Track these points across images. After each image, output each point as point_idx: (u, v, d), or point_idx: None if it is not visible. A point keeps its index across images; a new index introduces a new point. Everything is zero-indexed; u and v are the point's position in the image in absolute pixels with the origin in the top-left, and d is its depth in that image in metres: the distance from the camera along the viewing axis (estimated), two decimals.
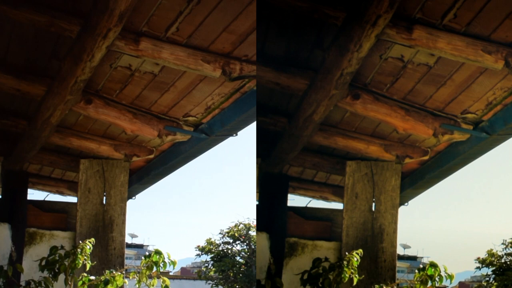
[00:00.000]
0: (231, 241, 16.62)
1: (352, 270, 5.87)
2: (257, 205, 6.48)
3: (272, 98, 6.09)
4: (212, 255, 16.50)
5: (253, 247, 16.08)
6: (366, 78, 5.51)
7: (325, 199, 7.41)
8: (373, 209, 6.62)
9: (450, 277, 5.89)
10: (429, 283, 5.84)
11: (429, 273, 5.81)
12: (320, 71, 5.13)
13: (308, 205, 7.23)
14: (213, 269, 16.43)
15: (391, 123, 5.68)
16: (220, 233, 16.65)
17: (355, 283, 5.85)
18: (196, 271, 17.33)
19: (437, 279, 5.86)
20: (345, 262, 5.85)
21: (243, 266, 16.04)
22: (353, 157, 6.64)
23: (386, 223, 6.60)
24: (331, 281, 5.87)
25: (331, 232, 6.83)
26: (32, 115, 6.44)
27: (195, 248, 16.72)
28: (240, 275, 15.85)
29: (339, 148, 6.43)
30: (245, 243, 16.46)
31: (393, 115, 5.63)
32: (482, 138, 5.85)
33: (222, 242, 16.68)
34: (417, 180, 6.83)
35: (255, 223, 16.61)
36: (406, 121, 5.66)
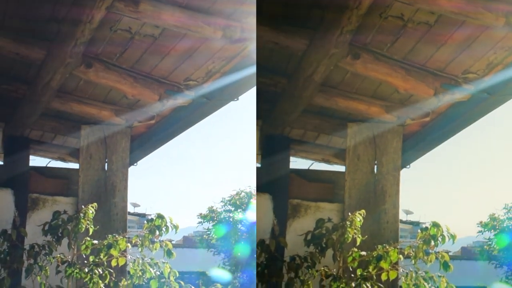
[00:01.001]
0: (232, 209, 16.70)
1: (355, 231, 5.93)
2: (258, 167, 6.50)
3: (272, 59, 6.07)
4: (214, 223, 16.60)
5: (254, 216, 16.15)
6: (366, 37, 5.49)
7: (327, 161, 7.40)
8: (375, 171, 6.64)
9: (453, 236, 5.92)
10: (432, 243, 5.89)
11: (431, 233, 5.87)
12: (320, 30, 5.11)
13: (310, 168, 7.23)
14: (215, 237, 16.53)
15: (392, 83, 5.68)
16: (221, 201, 16.75)
17: (358, 243, 5.92)
18: (198, 238, 17.49)
19: (439, 239, 5.91)
20: (348, 223, 5.92)
21: (245, 234, 16.14)
22: (354, 119, 6.62)
23: (388, 185, 6.62)
24: (334, 241, 5.94)
25: (334, 194, 6.83)
26: (32, 80, 6.43)
27: (197, 215, 16.83)
28: (242, 242, 15.96)
29: (340, 109, 6.42)
30: (246, 211, 16.55)
31: (393, 75, 5.63)
32: (483, 99, 5.86)
33: (224, 210, 16.76)
34: (418, 142, 6.82)
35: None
36: (407, 81, 5.66)
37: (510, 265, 14.40)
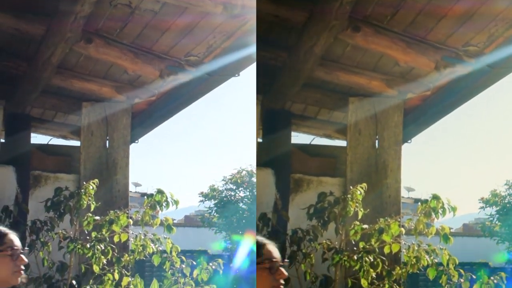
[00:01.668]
0: (234, 187, 16.70)
1: (356, 204, 5.93)
2: (260, 142, 6.49)
3: (272, 32, 6.05)
4: (216, 201, 16.61)
5: (255, 193, 16.18)
6: (367, 10, 5.48)
7: (329, 136, 7.39)
8: (377, 145, 6.64)
9: (453, 209, 5.91)
10: (432, 215, 5.90)
11: (432, 205, 5.87)
12: (319, 1, 5.10)
13: (312, 143, 7.22)
14: (216, 215, 16.56)
15: (392, 56, 5.67)
16: (223, 180, 16.75)
17: (360, 217, 5.92)
18: (200, 217, 17.50)
19: (440, 211, 5.91)
20: (349, 196, 5.92)
21: (246, 212, 16.16)
22: (355, 94, 6.61)
23: (390, 159, 6.62)
24: (336, 214, 5.94)
25: (336, 168, 6.82)
26: (32, 56, 6.42)
27: (199, 194, 16.84)
28: (243, 221, 15.98)
29: (341, 83, 6.41)
30: (248, 190, 16.55)
31: (394, 48, 5.62)
32: (484, 72, 5.84)
33: (225, 189, 16.76)
34: (419, 116, 6.81)
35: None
36: (407, 54, 5.65)
37: None
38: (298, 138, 6.96)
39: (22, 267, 3.10)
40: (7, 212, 6.65)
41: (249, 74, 6.77)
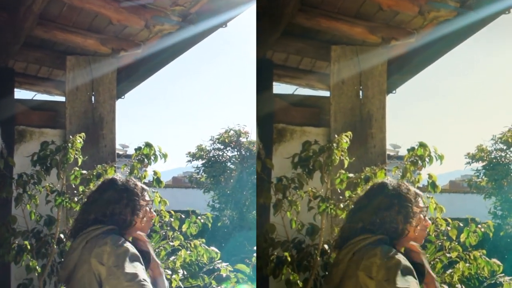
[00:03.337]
0: (222, 147, 16.70)
1: (342, 153, 5.87)
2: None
3: None
4: (203, 161, 16.62)
5: (243, 153, 16.21)
6: None
7: (312, 87, 7.33)
8: (361, 95, 6.59)
9: (440, 157, 5.83)
10: (419, 163, 5.84)
11: (418, 153, 5.80)
12: None
13: (295, 93, 7.16)
14: (204, 175, 16.58)
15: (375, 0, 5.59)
16: (210, 140, 16.75)
17: (346, 165, 5.85)
18: (187, 178, 17.51)
19: (427, 159, 5.85)
20: (334, 144, 5.83)
21: (234, 172, 16.20)
22: (338, 42, 6.53)
23: (374, 109, 6.59)
24: (321, 163, 5.83)
25: (320, 119, 6.75)
26: (13, 5, 6.32)
27: (186, 154, 16.83)
28: (231, 180, 16.02)
29: (323, 29, 6.33)
30: (235, 149, 16.56)
31: None
32: (470, 17, 5.79)
33: (213, 149, 16.76)
34: (404, 65, 6.77)
35: (245, 129, 16.68)
36: None
37: (498, 195, 14.53)
38: (280, 87, 6.89)
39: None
40: None
41: (236, 25, 6.72)
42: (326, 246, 5.87)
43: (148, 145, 6.63)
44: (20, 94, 7.73)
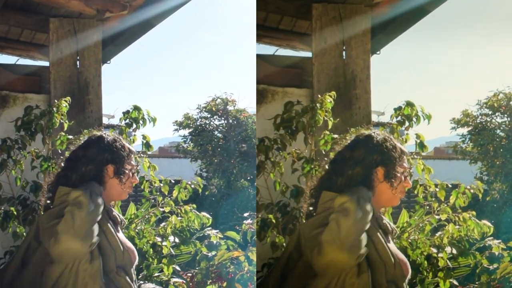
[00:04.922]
0: (208, 115, 16.64)
1: (326, 113, 5.75)
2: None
3: None
4: (190, 130, 16.56)
5: (230, 121, 16.17)
6: None
7: (293, 47, 7.15)
8: (344, 55, 6.46)
9: (428, 117, 5.76)
10: (406, 123, 5.77)
11: (405, 112, 5.72)
12: None
13: (276, 54, 6.99)
14: (191, 144, 16.53)
15: None
16: (197, 108, 16.68)
17: (330, 126, 5.75)
18: (174, 147, 17.45)
19: (414, 119, 5.78)
20: (318, 104, 5.70)
21: (221, 140, 16.16)
22: (319, 0, 6.33)
23: (358, 69, 6.48)
24: (305, 124, 5.70)
25: (302, 80, 6.57)
26: None
27: (173, 123, 16.76)
28: (219, 149, 15.99)
29: None
30: (223, 118, 16.50)
31: None
32: None
33: (200, 117, 16.69)
34: (388, 24, 6.64)
35: (232, 97, 16.59)
36: None
37: (484, 160, 14.54)
38: (260, 48, 6.72)
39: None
40: None
41: None
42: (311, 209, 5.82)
43: (136, 108, 6.56)
44: (2, 58, 7.64)
